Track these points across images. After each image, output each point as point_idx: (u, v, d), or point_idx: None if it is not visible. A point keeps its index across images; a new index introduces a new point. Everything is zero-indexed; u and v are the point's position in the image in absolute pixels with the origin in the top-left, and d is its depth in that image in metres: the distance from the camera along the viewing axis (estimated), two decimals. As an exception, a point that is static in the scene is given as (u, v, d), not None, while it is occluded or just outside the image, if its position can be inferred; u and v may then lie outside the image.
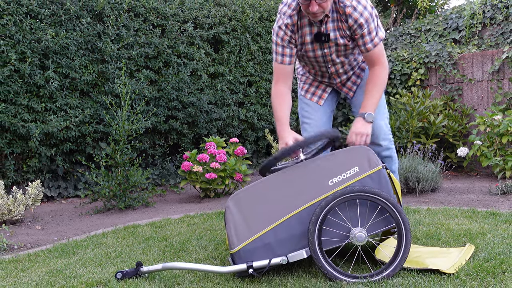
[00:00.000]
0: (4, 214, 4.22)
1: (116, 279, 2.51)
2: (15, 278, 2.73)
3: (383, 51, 2.80)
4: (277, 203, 2.44)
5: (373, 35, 2.68)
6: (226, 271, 2.37)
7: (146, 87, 5.85)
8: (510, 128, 5.10)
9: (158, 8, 6.03)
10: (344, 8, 2.62)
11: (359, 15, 2.62)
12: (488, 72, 5.97)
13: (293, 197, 2.43)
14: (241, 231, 2.41)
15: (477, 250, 2.67)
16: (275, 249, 2.37)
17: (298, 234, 2.38)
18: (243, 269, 2.33)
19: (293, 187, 2.46)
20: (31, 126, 5.04)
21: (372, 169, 2.44)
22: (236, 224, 2.44)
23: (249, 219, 2.43)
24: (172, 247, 3.15)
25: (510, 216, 3.44)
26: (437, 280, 2.25)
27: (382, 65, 2.76)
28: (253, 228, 2.41)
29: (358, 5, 2.62)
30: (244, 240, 2.39)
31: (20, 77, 5.05)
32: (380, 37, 2.73)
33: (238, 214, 2.46)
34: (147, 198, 4.99)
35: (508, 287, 2.12)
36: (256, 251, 2.38)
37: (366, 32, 2.66)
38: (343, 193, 2.33)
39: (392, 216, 2.33)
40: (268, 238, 2.38)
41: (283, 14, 2.73)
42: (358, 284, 2.24)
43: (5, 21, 4.94)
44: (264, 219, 2.41)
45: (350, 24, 2.65)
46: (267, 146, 7.23)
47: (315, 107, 3.05)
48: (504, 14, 6.26)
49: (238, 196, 2.51)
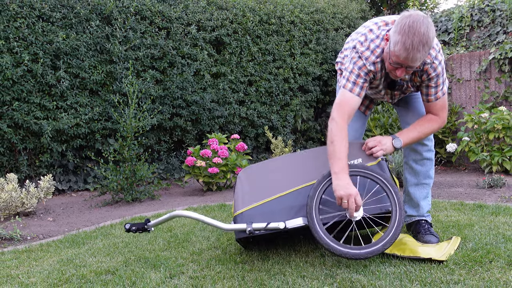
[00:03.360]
0: (17, 207, 4.21)
1: (125, 229, 2.61)
2: (28, 267, 2.72)
3: (445, 104, 2.57)
4: (283, 178, 2.53)
5: (438, 88, 2.50)
6: (226, 228, 2.41)
7: (152, 86, 5.84)
8: (496, 125, 5.09)
9: (163, 11, 6.00)
10: (423, 65, 2.42)
11: (433, 71, 2.44)
12: (476, 72, 5.95)
13: (298, 176, 2.51)
14: (247, 197, 2.51)
15: (465, 240, 2.66)
16: (275, 216, 2.42)
17: (297, 205, 2.43)
18: (242, 228, 2.38)
19: (300, 168, 2.55)
20: (43, 123, 5.03)
21: (373, 162, 2.49)
22: (243, 191, 2.54)
23: (256, 188, 2.53)
24: (177, 238, 3.14)
25: (496, 208, 3.43)
26: (427, 269, 2.24)
27: (439, 117, 2.56)
28: (258, 196, 2.50)
29: (435, 60, 2.42)
30: (248, 205, 2.48)
31: (32, 77, 5.04)
32: (444, 91, 2.53)
33: (247, 183, 2.57)
34: (153, 191, 4.99)
35: (495, 275, 2.11)
36: (257, 216, 2.44)
37: (433, 84, 2.48)
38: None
39: (388, 195, 2.34)
40: (269, 206, 2.46)
41: (366, 60, 2.42)
42: (352, 272, 2.23)
43: (19, 24, 4.92)
44: (269, 190, 2.50)
45: (424, 78, 2.48)
46: (267, 142, 7.22)
47: (357, 116, 2.84)
48: (491, 17, 6.23)
49: (251, 169, 2.64)
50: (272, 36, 7.14)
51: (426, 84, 2.49)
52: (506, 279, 2.08)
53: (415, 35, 2.18)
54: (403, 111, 2.84)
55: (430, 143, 2.79)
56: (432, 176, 2.86)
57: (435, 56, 2.42)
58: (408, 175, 2.84)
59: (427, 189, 2.85)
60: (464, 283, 2.06)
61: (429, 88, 2.50)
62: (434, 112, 2.56)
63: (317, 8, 7.86)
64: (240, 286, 2.17)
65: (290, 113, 7.36)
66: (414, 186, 2.83)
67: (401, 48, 2.21)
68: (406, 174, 2.86)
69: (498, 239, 2.65)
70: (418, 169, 2.81)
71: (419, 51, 2.20)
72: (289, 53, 7.37)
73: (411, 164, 2.81)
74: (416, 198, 2.81)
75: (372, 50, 2.42)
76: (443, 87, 2.52)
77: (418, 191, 2.83)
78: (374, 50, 2.42)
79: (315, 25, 7.74)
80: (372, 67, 2.43)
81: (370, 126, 5.88)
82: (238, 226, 2.39)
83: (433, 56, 2.41)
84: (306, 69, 7.49)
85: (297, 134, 7.69)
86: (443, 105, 2.56)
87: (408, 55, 2.22)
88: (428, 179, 2.84)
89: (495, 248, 2.47)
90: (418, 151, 2.77)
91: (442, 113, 2.56)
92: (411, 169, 2.82)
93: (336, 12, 8.18)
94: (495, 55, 5.69)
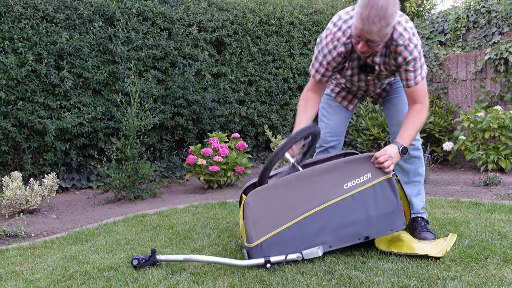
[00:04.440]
0: (22, 204, 4.21)
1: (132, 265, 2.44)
2: (32, 263, 2.72)
3: (425, 90, 2.54)
4: (295, 202, 2.39)
5: (417, 73, 2.46)
6: (245, 265, 2.32)
7: (154, 86, 5.83)
8: (492, 124, 5.09)
9: (165, 12, 5.99)
10: (396, 47, 2.40)
11: (408, 54, 2.41)
12: (472, 72, 5.95)
13: (310, 198, 2.39)
14: (259, 227, 2.36)
15: (461, 237, 2.66)
16: (290, 245, 2.34)
17: (312, 233, 2.36)
18: (260, 263, 2.29)
19: (311, 189, 2.41)
20: (47, 122, 5.02)
21: (383, 177, 2.43)
22: (255, 220, 2.37)
23: (268, 216, 2.37)
24: (178, 235, 3.14)
25: (492, 206, 3.43)
26: (424, 265, 2.24)
27: (423, 104, 2.53)
28: (271, 225, 2.36)
29: (410, 43, 2.39)
30: (262, 236, 2.35)
31: (37, 76, 5.03)
32: (423, 76, 2.50)
33: (257, 211, 2.38)
34: (154, 189, 4.98)
35: (490, 272, 2.11)
36: (273, 246, 2.34)
37: (411, 68, 2.45)
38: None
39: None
40: (284, 235, 2.34)
41: (337, 40, 2.47)
42: (350, 269, 2.23)
43: (23, 25, 4.91)
44: (282, 217, 2.37)
45: (399, 62, 2.44)
46: (266, 141, 7.22)
47: (338, 110, 2.89)
48: (486, 18, 6.22)
49: (258, 193, 2.41)
50: (272, 37, 7.14)
51: (405, 68, 2.45)
52: (502, 275, 2.07)
53: (372, 7, 2.18)
54: (389, 112, 2.84)
55: (417, 142, 2.79)
56: (422, 173, 2.85)
57: (408, 38, 2.39)
58: (399, 175, 2.84)
59: (418, 187, 2.85)
60: (460, 279, 2.05)
61: (408, 73, 2.46)
62: (416, 99, 2.51)
63: (316, 9, 7.85)
64: (240, 282, 2.16)
65: (289, 112, 7.36)
66: (405, 184, 2.83)
67: (358, 19, 2.24)
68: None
69: (494, 236, 2.65)
70: (407, 167, 2.81)
71: (375, 23, 2.20)
72: (289, 53, 7.37)
73: (400, 163, 2.81)
74: (408, 195, 2.80)
75: (343, 31, 2.46)
76: (422, 71, 2.49)
77: (410, 189, 2.83)
78: (345, 31, 2.46)
79: (314, 26, 7.74)
80: (343, 48, 2.48)
81: (368, 125, 5.88)
82: (256, 262, 2.29)
83: (406, 38, 2.39)
84: (305, 69, 7.49)
85: (296, 133, 7.69)
86: (424, 90, 2.53)
87: (364, 26, 2.23)
88: (418, 176, 2.84)
89: (490, 245, 2.47)
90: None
91: (424, 99, 2.53)
92: (401, 168, 2.83)
93: (334, 13, 8.17)
94: (490, 55, 5.68)
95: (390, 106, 2.82)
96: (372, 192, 2.41)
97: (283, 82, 7.26)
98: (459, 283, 2.01)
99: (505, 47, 5.55)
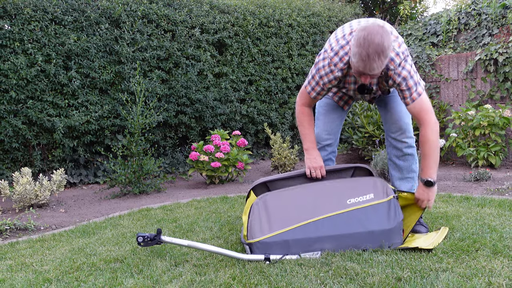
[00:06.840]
0: (31, 199, 4.20)
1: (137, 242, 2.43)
2: (42, 256, 2.72)
3: (426, 106, 2.45)
4: (300, 209, 2.45)
5: (412, 90, 2.41)
6: (244, 258, 2.33)
7: (158, 86, 5.82)
8: (482, 122, 5.08)
9: (169, 15, 5.97)
10: (387, 71, 2.40)
11: (397, 76, 2.40)
12: (463, 72, 5.93)
13: (315, 207, 2.45)
14: (264, 226, 2.40)
15: (452, 230, 2.65)
16: (291, 246, 2.35)
17: (313, 238, 2.37)
18: (260, 259, 2.31)
19: (316, 199, 2.49)
20: (56, 120, 5.01)
21: (384, 198, 2.46)
22: (261, 219, 2.43)
23: (274, 217, 2.43)
24: (181, 228, 3.13)
25: (482, 201, 3.43)
26: (417, 257, 2.24)
27: (427, 125, 2.44)
28: (276, 225, 2.40)
29: (399, 67, 2.39)
30: (265, 234, 2.37)
31: (46, 76, 5.02)
32: (419, 92, 2.43)
33: (265, 211, 2.46)
34: (159, 184, 4.98)
35: (481, 263, 2.11)
36: (273, 245, 2.36)
37: (404, 88, 2.42)
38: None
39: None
40: (286, 236, 2.36)
41: (334, 65, 2.46)
42: (347, 261, 2.22)
43: (33, 27, 4.90)
44: (286, 220, 2.41)
45: (390, 84, 2.46)
46: (266, 138, 7.21)
47: (334, 109, 2.89)
48: (477, 20, 6.21)
49: (267, 197, 2.53)
50: (271, 38, 7.12)
51: (398, 88, 2.45)
52: (492, 267, 2.07)
53: (369, 46, 2.17)
54: (383, 111, 2.84)
55: (410, 140, 2.79)
56: (416, 170, 2.86)
57: (399, 63, 2.39)
58: (393, 171, 2.86)
59: (411, 182, 2.85)
60: (452, 270, 2.05)
61: (403, 92, 2.43)
62: (419, 118, 2.46)
63: (313, 12, 7.83)
64: (241, 273, 2.16)
65: (288, 110, 7.34)
66: (399, 180, 2.85)
67: (358, 60, 2.23)
68: (390, 170, 2.89)
69: (484, 229, 2.64)
70: (401, 164, 2.82)
71: (375, 61, 2.20)
72: (287, 54, 7.35)
73: (394, 160, 2.83)
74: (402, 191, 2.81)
75: (340, 57, 2.45)
76: (417, 88, 2.42)
77: (403, 185, 2.84)
78: (342, 57, 2.44)
79: (312, 28, 7.71)
80: (340, 73, 2.48)
81: (363, 122, 5.87)
82: (256, 257, 2.32)
83: (397, 63, 2.38)
84: (303, 69, 7.47)
85: (295, 130, 7.67)
86: (424, 107, 2.44)
87: (365, 65, 2.23)
88: (412, 173, 2.84)
89: (481, 237, 2.47)
90: (398, 148, 2.79)
91: (427, 116, 2.44)
92: (395, 164, 2.84)
93: (331, 16, 8.14)
94: (481, 56, 5.67)
95: (384, 105, 2.82)
96: (372, 210, 2.43)
97: (282, 82, 7.25)
98: (450, 274, 2.01)
99: (495, 48, 5.53)
